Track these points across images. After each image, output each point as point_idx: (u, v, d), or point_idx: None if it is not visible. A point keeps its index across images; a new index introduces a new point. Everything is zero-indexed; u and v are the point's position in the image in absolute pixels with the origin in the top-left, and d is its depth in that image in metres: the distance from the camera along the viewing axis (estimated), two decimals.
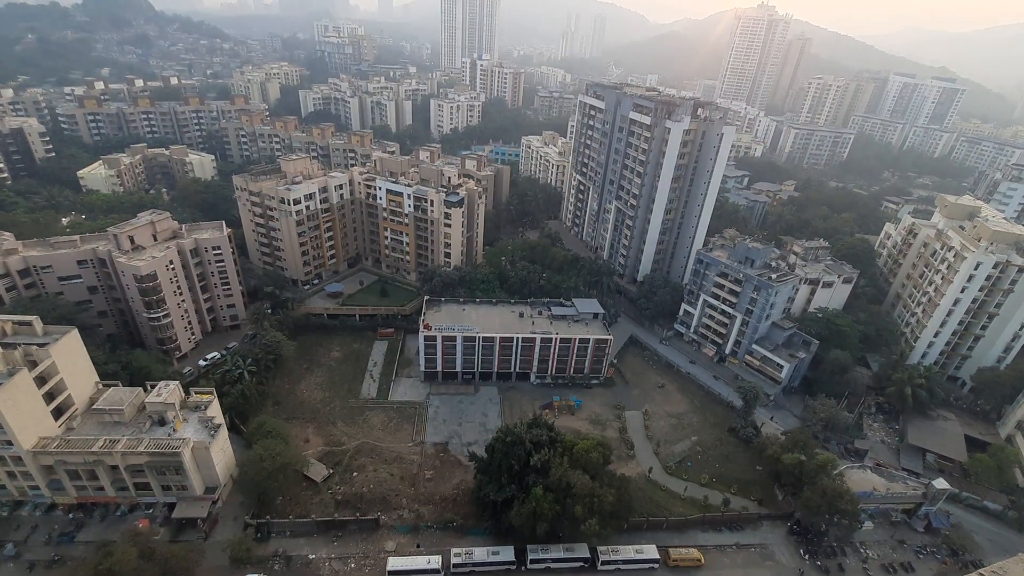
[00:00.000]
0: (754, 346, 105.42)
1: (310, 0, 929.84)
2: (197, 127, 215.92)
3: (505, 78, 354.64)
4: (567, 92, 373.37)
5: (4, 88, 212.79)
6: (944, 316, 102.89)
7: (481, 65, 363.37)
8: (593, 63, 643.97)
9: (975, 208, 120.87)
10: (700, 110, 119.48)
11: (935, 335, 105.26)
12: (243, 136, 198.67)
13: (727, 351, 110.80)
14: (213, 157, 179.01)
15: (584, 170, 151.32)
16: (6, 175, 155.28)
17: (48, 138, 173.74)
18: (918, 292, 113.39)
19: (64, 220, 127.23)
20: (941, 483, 78.39)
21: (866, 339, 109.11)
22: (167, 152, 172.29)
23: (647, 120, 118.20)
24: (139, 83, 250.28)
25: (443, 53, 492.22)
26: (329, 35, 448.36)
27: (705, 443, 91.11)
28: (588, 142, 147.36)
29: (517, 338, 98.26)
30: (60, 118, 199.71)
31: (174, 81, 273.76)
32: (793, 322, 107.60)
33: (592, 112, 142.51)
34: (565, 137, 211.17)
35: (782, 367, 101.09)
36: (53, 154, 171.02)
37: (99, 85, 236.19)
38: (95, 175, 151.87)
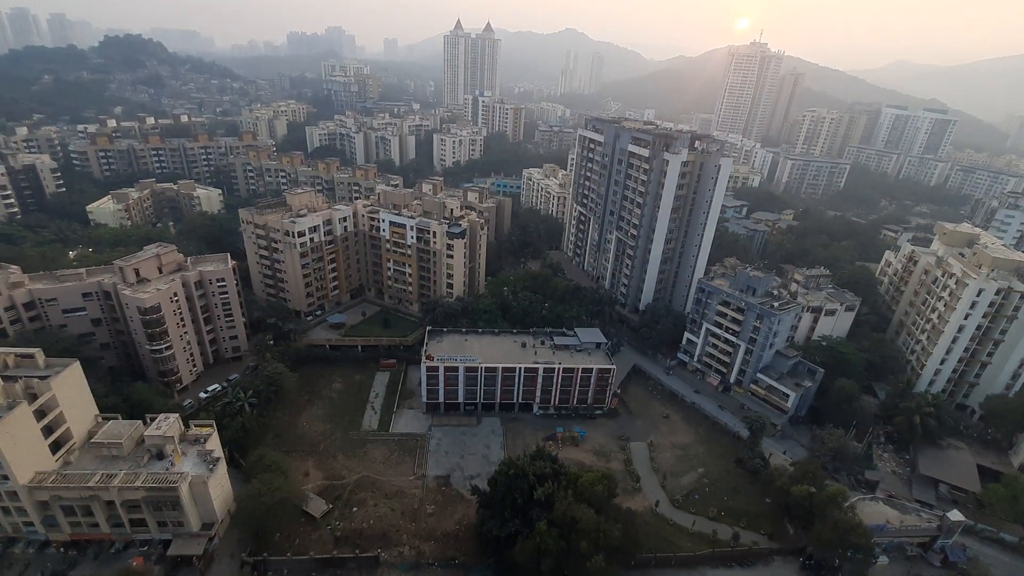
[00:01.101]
0: (759, 375, 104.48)
1: (318, 42, 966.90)
2: (206, 162, 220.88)
3: (506, 113, 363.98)
4: (567, 126, 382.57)
5: (19, 126, 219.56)
6: (949, 343, 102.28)
7: (483, 101, 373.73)
8: (591, 99, 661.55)
9: (974, 235, 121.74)
10: (697, 142, 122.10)
11: (941, 362, 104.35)
12: (250, 171, 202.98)
13: (732, 380, 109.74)
14: (220, 191, 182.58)
15: (584, 201, 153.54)
16: (16, 210, 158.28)
17: (59, 174, 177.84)
18: (921, 319, 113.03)
19: (71, 253, 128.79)
20: (956, 515, 76.21)
21: (871, 367, 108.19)
22: (175, 187, 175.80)
23: (645, 152, 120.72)
24: (150, 120, 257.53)
25: (446, 90, 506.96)
26: (336, 75, 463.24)
27: (712, 475, 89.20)
28: (588, 174, 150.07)
29: (520, 368, 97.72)
30: (72, 154, 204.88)
31: (184, 119, 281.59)
32: (797, 350, 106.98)
33: (591, 145, 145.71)
34: (565, 169, 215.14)
35: (788, 396, 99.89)
36: (63, 189, 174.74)
37: (111, 123, 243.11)
38: (103, 209, 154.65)
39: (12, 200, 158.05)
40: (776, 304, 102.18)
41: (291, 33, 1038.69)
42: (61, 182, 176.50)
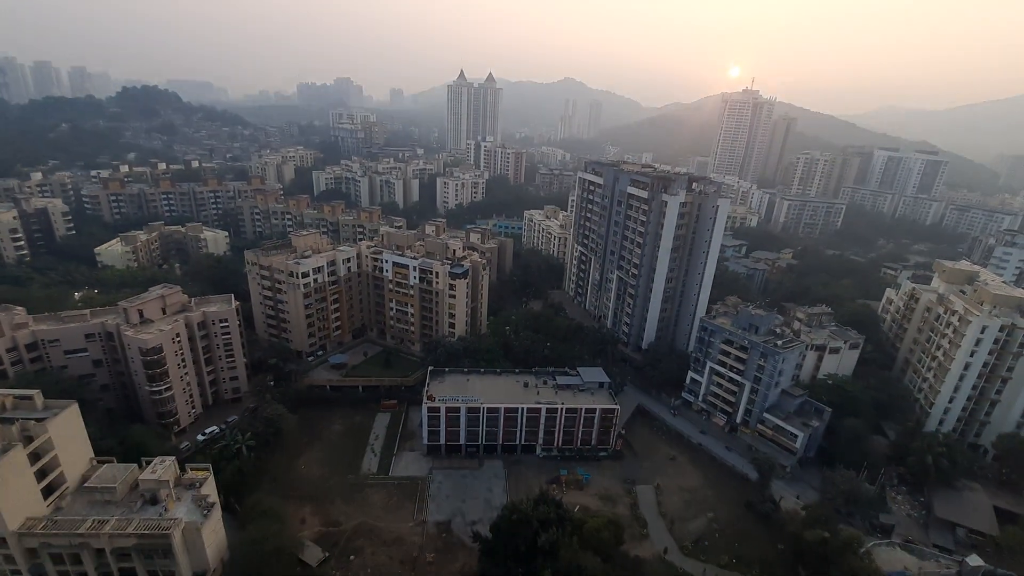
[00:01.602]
0: (765, 415, 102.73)
1: (327, 92, 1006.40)
2: (214, 206, 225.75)
3: (508, 158, 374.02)
4: (567, 169, 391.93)
5: (34, 172, 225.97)
6: (956, 381, 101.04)
7: (485, 146, 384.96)
8: (590, 143, 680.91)
9: (973, 272, 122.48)
10: (695, 184, 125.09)
11: (950, 401, 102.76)
12: (257, 214, 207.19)
13: (738, 420, 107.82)
14: (227, 233, 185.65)
15: (585, 241, 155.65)
16: (25, 252, 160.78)
17: (70, 217, 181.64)
18: (927, 357, 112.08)
19: (76, 295, 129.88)
20: (975, 560, 73.04)
21: (879, 406, 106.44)
22: (183, 229, 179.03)
23: (644, 194, 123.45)
24: (162, 166, 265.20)
25: (449, 136, 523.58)
26: (343, 122, 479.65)
27: (722, 520, 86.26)
28: (588, 215, 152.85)
29: (522, 408, 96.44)
30: (84, 199, 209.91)
31: (195, 164, 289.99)
32: (803, 390, 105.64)
33: (591, 187, 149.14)
34: (566, 211, 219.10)
35: (796, 436, 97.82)
36: (73, 232, 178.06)
37: (124, 168, 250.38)
38: (111, 251, 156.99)
39: (22, 242, 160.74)
40: (780, 342, 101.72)
41: (301, 84, 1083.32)
42: (71, 225, 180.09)
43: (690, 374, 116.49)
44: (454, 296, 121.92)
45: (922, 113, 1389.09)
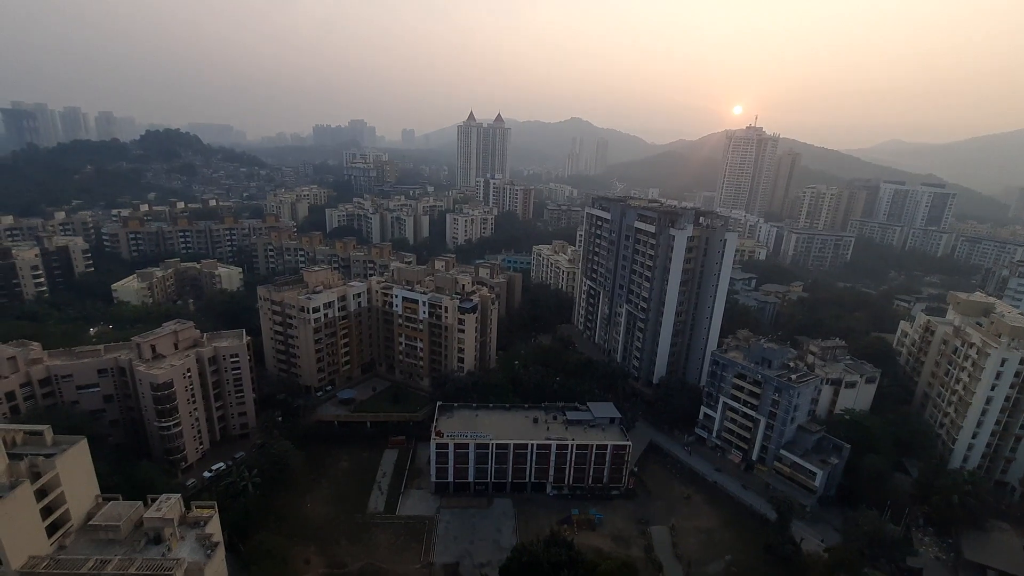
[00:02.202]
0: (782, 452, 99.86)
1: (341, 133, 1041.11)
2: (229, 243, 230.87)
3: (516, 194, 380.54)
4: (574, 205, 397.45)
5: (58, 211, 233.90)
6: (979, 416, 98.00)
7: (494, 184, 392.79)
8: (597, 179, 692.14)
9: (989, 304, 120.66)
10: (702, 218, 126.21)
11: (973, 436, 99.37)
12: (271, 250, 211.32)
13: (754, 457, 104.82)
14: (241, 270, 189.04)
15: (594, 275, 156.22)
16: (45, 288, 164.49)
17: (89, 255, 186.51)
18: (946, 391, 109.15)
19: (92, 330, 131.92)
20: None
21: (899, 442, 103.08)
22: (198, 266, 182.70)
23: (651, 228, 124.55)
24: (181, 205, 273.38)
25: (459, 174, 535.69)
26: (356, 162, 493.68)
27: (741, 563, 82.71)
28: (596, 250, 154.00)
29: (532, 445, 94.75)
30: (104, 236, 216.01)
31: (212, 203, 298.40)
32: (820, 425, 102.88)
33: (599, 223, 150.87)
34: (574, 246, 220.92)
35: (815, 474, 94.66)
36: (92, 269, 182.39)
37: (144, 207, 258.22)
38: (128, 288, 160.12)
39: (42, 279, 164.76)
40: (794, 376, 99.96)
41: (317, 126, 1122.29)
42: (90, 262, 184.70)
43: (703, 409, 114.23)
44: (463, 330, 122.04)
45: (927, 147, 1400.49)
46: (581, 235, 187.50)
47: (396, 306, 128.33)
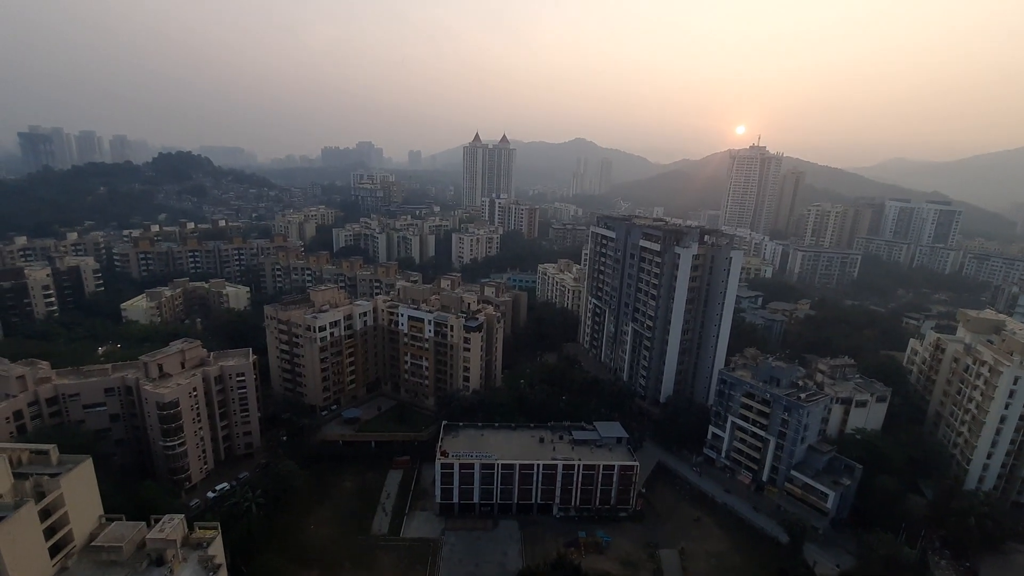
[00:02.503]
0: (793, 472, 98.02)
1: (349, 155, 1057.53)
2: (237, 262, 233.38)
3: (521, 213, 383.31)
4: (579, 224, 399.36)
5: (70, 232, 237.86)
6: (993, 435, 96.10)
7: (499, 203, 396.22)
8: (602, 199, 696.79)
9: (999, 322, 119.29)
10: (707, 236, 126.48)
11: (988, 456, 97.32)
12: (278, 270, 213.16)
13: (764, 478, 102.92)
14: (248, 289, 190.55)
15: (599, 294, 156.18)
16: (55, 307, 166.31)
17: (100, 274, 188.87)
18: (959, 410, 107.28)
19: (100, 349, 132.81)
20: None
21: (913, 462, 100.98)
22: (206, 285, 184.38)
23: (657, 247, 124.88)
24: (191, 226, 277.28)
25: (465, 194, 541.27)
26: (363, 183, 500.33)
27: None
28: (602, 268, 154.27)
29: (538, 465, 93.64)
30: (115, 256, 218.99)
31: (222, 223, 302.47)
32: (831, 445, 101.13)
33: (604, 241, 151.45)
34: (579, 264, 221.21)
35: (827, 496, 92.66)
36: (102, 288, 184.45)
37: (155, 228, 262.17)
38: (137, 307, 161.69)
39: (53, 299, 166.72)
40: (803, 395, 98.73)
41: (325, 148, 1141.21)
42: (101, 282, 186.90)
43: (711, 429, 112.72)
44: (469, 349, 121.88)
45: (931, 165, 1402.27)
46: (586, 254, 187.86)
47: (402, 325, 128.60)
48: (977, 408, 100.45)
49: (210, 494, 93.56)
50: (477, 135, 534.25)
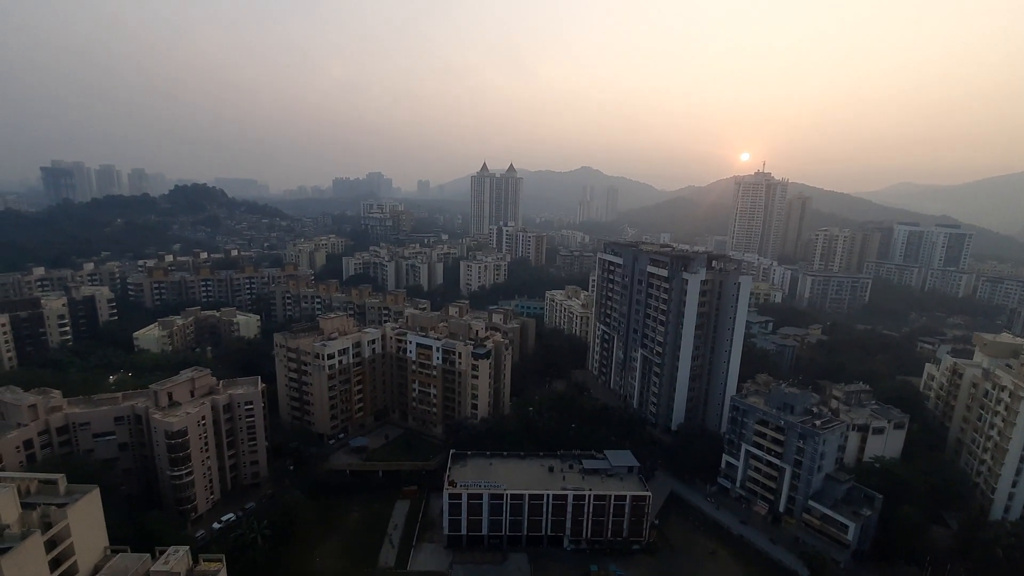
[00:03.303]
0: (811, 503, 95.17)
1: (359, 185, 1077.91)
2: (248, 291, 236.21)
3: (528, 241, 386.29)
4: (586, 251, 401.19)
5: (87, 262, 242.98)
6: (1017, 463, 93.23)
7: (507, 231, 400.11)
8: (608, 226, 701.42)
9: (1018, 346, 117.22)
10: (714, 262, 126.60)
11: (1013, 485, 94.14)
12: (288, 298, 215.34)
13: (781, 508, 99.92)
14: (258, 317, 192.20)
15: (607, 320, 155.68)
16: (69, 337, 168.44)
17: (114, 304, 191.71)
18: (980, 437, 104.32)
19: (111, 378, 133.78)
20: None
21: (935, 492, 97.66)
22: (217, 314, 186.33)
23: (664, 273, 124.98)
24: (204, 255, 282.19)
25: (472, 222, 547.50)
26: (373, 212, 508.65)
27: None
28: (609, 294, 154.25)
29: (547, 496, 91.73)
30: (129, 286, 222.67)
31: (234, 253, 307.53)
32: (849, 474, 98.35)
33: (611, 267, 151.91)
34: (587, 290, 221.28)
35: (847, 527, 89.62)
36: (116, 317, 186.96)
37: (169, 258, 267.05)
38: (149, 335, 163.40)
39: (67, 328, 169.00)
40: (818, 422, 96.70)
41: (336, 179, 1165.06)
42: (115, 311, 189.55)
43: (725, 457, 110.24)
44: (477, 376, 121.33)
45: (938, 189, 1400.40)
46: (594, 280, 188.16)
47: (410, 352, 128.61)
48: (999, 435, 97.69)
49: (216, 525, 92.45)
50: (485, 165, 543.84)
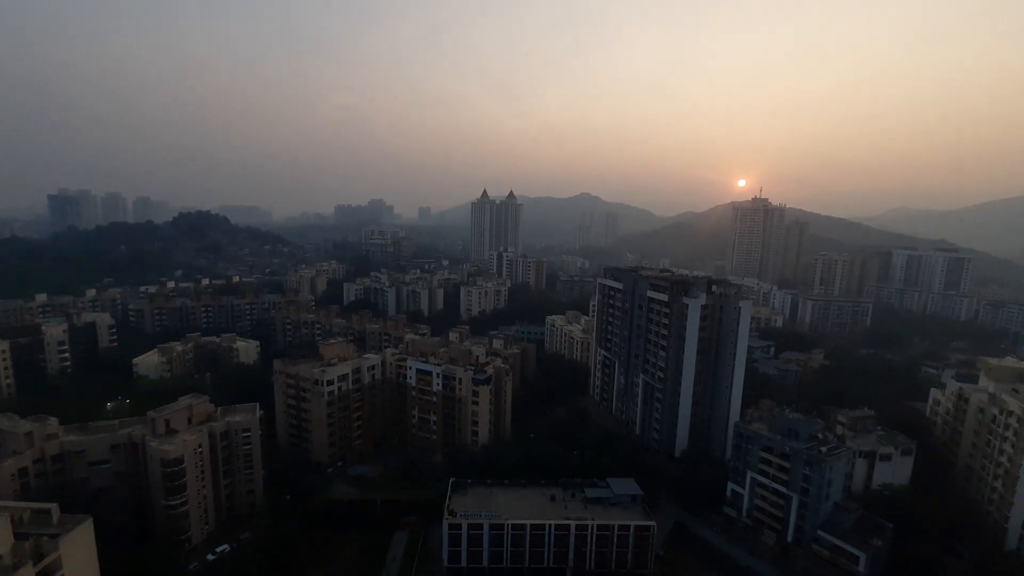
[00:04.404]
0: (819, 532, 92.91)
1: (361, 212, 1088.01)
2: (249, 317, 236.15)
3: (529, 266, 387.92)
4: (586, 276, 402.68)
5: (89, 289, 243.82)
6: None
7: (507, 257, 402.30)
8: (608, 251, 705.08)
9: (1023, 370, 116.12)
10: (714, 286, 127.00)
11: None
12: (288, 324, 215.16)
13: (789, 539, 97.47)
14: (258, 343, 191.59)
15: (608, 345, 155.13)
16: (68, 363, 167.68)
17: (114, 330, 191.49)
18: (990, 464, 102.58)
19: (109, 405, 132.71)
20: None
21: (946, 520, 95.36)
22: (217, 339, 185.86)
23: (664, 298, 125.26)
24: (206, 282, 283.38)
25: (473, 248, 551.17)
26: (375, 238, 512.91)
27: None
28: (610, 319, 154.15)
29: (549, 526, 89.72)
30: (130, 312, 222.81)
31: (236, 279, 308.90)
32: (857, 502, 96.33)
33: (612, 292, 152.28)
34: (587, 315, 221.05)
35: (858, 558, 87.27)
36: (115, 343, 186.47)
37: (171, 284, 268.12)
38: (148, 362, 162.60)
39: (67, 354, 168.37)
40: (824, 449, 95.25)
41: (338, 206, 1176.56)
42: (115, 337, 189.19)
43: (730, 486, 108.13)
44: (477, 403, 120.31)
45: (935, 213, 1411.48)
46: (594, 305, 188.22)
47: (410, 378, 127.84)
48: (1009, 462, 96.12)
49: (210, 556, 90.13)
50: (485, 191, 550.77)
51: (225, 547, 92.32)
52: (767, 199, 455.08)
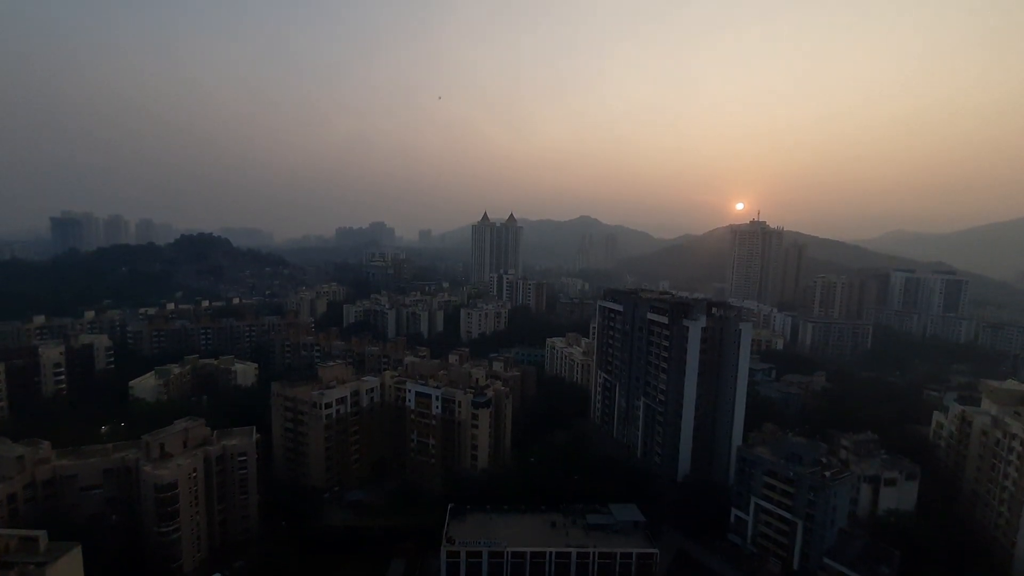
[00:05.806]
0: (826, 560, 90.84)
1: (362, 234, 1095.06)
2: (248, 339, 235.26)
3: (529, 289, 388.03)
4: (586, 298, 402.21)
5: (88, 311, 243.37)
6: None
7: (507, 279, 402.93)
8: (608, 273, 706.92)
9: None
10: (714, 309, 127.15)
11: None
12: (287, 346, 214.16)
13: (796, 566, 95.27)
14: (256, 365, 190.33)
15: (609, 368, 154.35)
16: (64, 385, 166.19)
17: (112, 352, 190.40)
18: (995, 488, 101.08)
19: (103, 428, 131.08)
20: None
21: (953, 546, 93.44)
22: (215, 362, 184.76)
23: (664, 320, 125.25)
24: (205, 303, 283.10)
25: (473, 270, 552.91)
26: (375, 260, 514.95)
27: None
28: (610, 342, 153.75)
29: (550, 553, 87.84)
30: (128, 334, 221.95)
31: (236, 301, 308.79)
32: (863, 528, 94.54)
33: (611, 315, 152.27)
34: (588, 337, 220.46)
35: None
36: (113, 366, 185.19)
37: (170, 306, 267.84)
38: (144, 384, 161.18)
39: (63, 377, 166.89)
40: (828, 473, 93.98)
41: (339, 228, 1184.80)
42: (112, 359, 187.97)
43: (734, 511, 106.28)
44: (477, 426, 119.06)
45: (932, 236, 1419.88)
46: (594, 328, 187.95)
47: (409, 401, 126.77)
48: (1014, 486, 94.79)
49: None
50: (485, 214, 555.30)
51: (217, 575, 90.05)
52: (765, 222, 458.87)
